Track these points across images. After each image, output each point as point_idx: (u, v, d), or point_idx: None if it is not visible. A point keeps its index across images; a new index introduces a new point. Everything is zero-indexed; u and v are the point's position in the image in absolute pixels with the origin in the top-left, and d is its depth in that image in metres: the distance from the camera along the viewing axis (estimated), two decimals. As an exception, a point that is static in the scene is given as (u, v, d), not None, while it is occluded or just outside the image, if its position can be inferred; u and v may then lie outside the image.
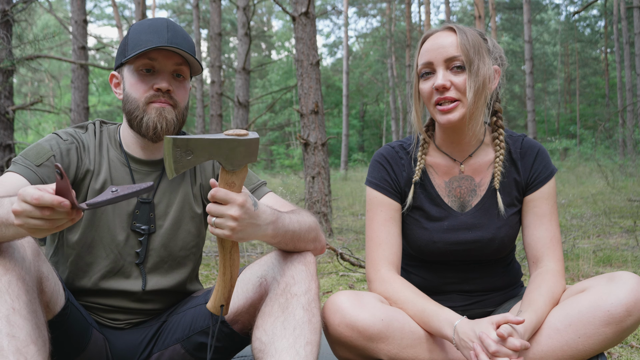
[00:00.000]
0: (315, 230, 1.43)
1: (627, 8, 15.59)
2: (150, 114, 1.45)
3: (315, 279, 1.36)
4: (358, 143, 32.02)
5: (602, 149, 16.20)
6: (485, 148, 1.57)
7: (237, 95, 10.39)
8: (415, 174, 1.57)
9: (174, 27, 1.48)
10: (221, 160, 1.16)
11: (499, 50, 1.52)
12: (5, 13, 5.92)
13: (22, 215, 1.00)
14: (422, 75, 1.49)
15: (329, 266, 4.04)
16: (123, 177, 1.52)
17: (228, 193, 1.17)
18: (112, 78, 1.56)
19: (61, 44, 9.37)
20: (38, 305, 1.20)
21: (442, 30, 1.48)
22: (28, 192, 0.99)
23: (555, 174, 1.57)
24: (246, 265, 1.50)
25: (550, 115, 31.34)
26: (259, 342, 1.29)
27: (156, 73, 1.47)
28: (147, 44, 1.43)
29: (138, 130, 1.48)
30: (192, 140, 1.15)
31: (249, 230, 1.21)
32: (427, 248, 1.55)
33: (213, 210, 1.17)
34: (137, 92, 1.46)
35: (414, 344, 1.39)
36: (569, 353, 1.34)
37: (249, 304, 1.42)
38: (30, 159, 1.41)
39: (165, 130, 1.47)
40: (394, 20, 27.15)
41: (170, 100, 1.47)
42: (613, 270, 3.59)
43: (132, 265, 1.52)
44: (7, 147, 6.13)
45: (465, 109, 1.44)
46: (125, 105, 1.50)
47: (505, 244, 1.55)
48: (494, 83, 1.49)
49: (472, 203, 1.55)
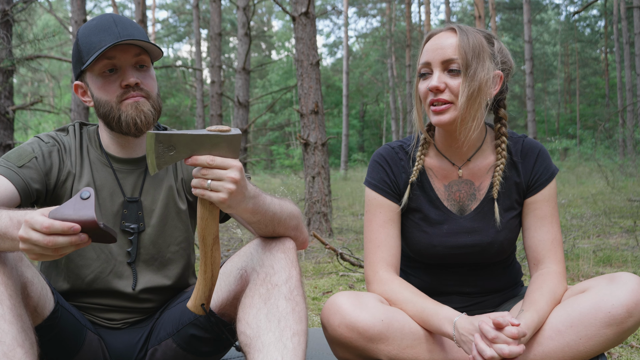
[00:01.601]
0: (297, 218, 1.42)
1: (627, 8, 15.59)
2: (127, 110, 1.44)
3: (295, 265, 1.35)
4: (358, 143, 32.02)
5: (602, 149, 16.19)
6: (485, 152, 1.55)
7: (237, 95, 10.39)
8: (412, 174, 1.55)
9: (121, 20, 1.46)
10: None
11: (504, 55, 1.48)
12: (6, 13, 5.92)
13: (29, 242, 1.02)
14: (421, 75, 1.48)
15: (329, 266, 4.04)
16: (106, 178, 1.52)
17: (226, 159, 1.17)
18: (77, 88, 1.52)
19: (61, 44, 9.37)
20: (23, 310, 1.20)
21: (444, 31, 1.46)
22: (37, 220, 1.00)
23: (556, 174, 1.56)
24: (227, 259, 1.50)
25: (550, 115, 31.33)
26: (244, 336, 1.29)
27: (119, 70, 1.45)
28: (100, 44, 1.41)
29: (119, 129, 1.47)
30: (175, 135, 1.15)
31: (238, 199, 1.21)
32: (427, 252, 1.54)
33: (211, 174, 1.16)
34: (107, 94, 1.45)
35: (414, 344, 1.39)
36: (569, 354, 1.33)
37: (233, 296, 1.42)
38: (12, 161, 1.41)
39: (145, 122, 1.46)
40: (394, 20, 27.15)
41: (142, 92, 1.46)
42: (613, 270, 3.59)
43: (123, 265, 1.52)
44: (7, 147, 6.13)
45: (457, 112, 1.42)
46: (98, 110, 1.48)
47: (505, 248, 1.54)
48: (494, 88, 1.46)
49: (472, 207, 1.55)
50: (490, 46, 1.45)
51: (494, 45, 1.47)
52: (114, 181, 1.52)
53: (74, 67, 1.50)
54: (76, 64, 1.48)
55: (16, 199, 1.37)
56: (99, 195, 1.50)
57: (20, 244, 1.03)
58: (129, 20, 1.48)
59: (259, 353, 1.23)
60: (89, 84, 1.48)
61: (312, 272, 3.88)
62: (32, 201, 1.44)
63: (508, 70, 1.50)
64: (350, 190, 11.39)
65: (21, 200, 1.39)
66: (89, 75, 1.47)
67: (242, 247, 1.50)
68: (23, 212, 1.14)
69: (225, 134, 1.17)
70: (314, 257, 4.50)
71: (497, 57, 1.46)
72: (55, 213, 1.01)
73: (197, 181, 1.18)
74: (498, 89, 1.47)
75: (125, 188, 1.53)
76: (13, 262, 1.24)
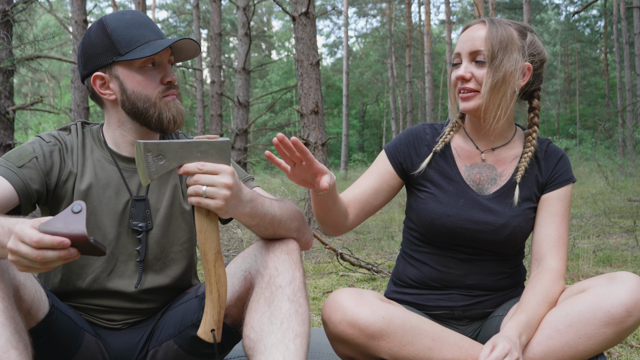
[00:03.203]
0: (298, 220, 1.42)
1: (627, 8, 15.59)
2: (168, 108, 1.47)
3: (299, 266, 1.35)
4: (358, 143, 32.02)
5: (602, 149, 16.20)
6: (511, 146, 1.61)
7: (237, 95, 10.39)
8: (438, 143, 1.62)
9: (150, 19, 1.50)
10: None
11: (536, 47, 1.54)
12: (6, 13, 5.92)
13: (17, 254, 1.02)
14: (454, 64, 1.56)
15: (329, 266, 4.04)
16: (111, 176, 1.51)
17: (216, 164, 1.17)
18: (96, 79, 1.46)
19: (61, 44, 9.35)
20: (16, 312, 1.20)
21: (477, 24, 1.54)
22: (27, 234, 1.00)
23: (573, 182, 1.60)
24: (230, 260, 1.50)
25: (550, 115, 31.33)
26: (248, 340, 1.29)
27: (158, 66, 1.47)
28: (145, 38, 1.43)
29: (158, 126, 1.48)
30: (163, 144, 1.15)
31: (234, 203, 1.21)
32: (439, 221, 1.55)
33: (203, 179, 1.16)
34: (149, 89, 1.45)
35: (414, 340, 1.39)
36: (569, 353, 1.34)
37: (236, 298, 1.42)
38: (12, 161, 1.40)
39: (182, 121, 1.50)
40: (394, 20, 27.16)
41: (176, 90, 1.50)
42: (613, 270, 3.59)
43: (125, 264, 1.52)
44: (8, 147, 6.13)
45: (481, 100, 1.50)
46: (134, 104, 1.46)
47: (517, 236, 1.54)
48: (522, 79, 1.52)
49: (490, 190, 1.58)
50: (521, 38, 1.51)
51: (526, 37, 1.52)
52: (120, 179, 1.51)
53: (96, 58, 1.45)
54: (103, 54, 1.44)
55: (14, 199, 1.36)
56: (103, 193, 1.50)
57: (9, 255, 1.03)
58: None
59: (261, 355, 1.23)
60: (120, 76, 1.45)
61: (312, 272, 3.89)
62: (33, 202, 1.43)
63: (540, 62, 1.55)
64: (350, 190, 11.36)
65: (20, 201, 1.38)
66: (122, 67, 1.44)
67: (241, 246, 1.50)
68: (14, 221, 1.13)
69: (214, 141, 1.17)
70: (314, 257, 4.50)
71: (526, 50, 1.51)
72: (45, 226, 1.00)
73: (192, 189, 1.18)
74: (526, 80, 1.53)
75: (132, 187, 1.52)
76: (5, 265, 1.23)
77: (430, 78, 21.72)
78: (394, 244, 5.08)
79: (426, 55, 21.61)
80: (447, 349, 1.41)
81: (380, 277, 3.61)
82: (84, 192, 1.48)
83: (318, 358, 1.88)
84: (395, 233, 5.77)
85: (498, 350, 1.28)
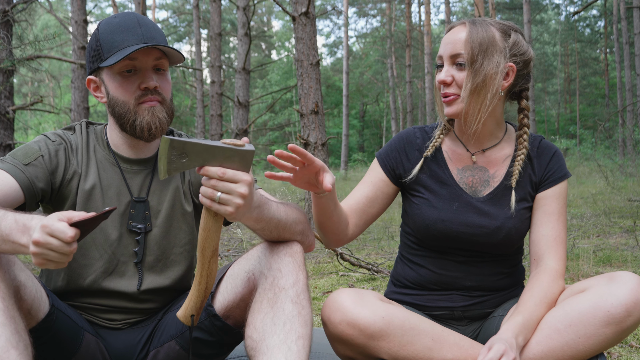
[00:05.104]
0: (302, 224, 1.43)
1: (627, 8, 15.59)
2: (143, 115, 1.44)
3: (303, 269, 1.36)
4: (358, 143, 32.01)
5: (602, 149, 16.19)
6: (502, 146, 1.59)
7: (237, 95, 10.39)
8: (428, 148, 1.60)
9: (144, 21, 1.46)
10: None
11: (520, 47, 1.50)
12: (6, 13, 5.92)
13: (44, 247, 1.02)
14: (437, 66, 1.54)
15: (329, 266, 4.04)
16: (113, 177, 1.51)
17: (237, 173, 1.17)
18: (90, 83, 1.51)
19: (61, 44, 9.36)
20: (16, 312, 1.20)
21: (458, 25, 1.51)
22: (59, 228, 1.01)
23: (568, 178, 1.58)
24: (233, 261, 1.50)
25: (550, 115, 31.32)
26: (251, 340, 1.29)
27: (138, 72, 1.44)
28: (123, 43, 1.41)
29: (132, 132, 1.46)
30: (189, 143, 1.15)
31: (244, 210, 1.21)
32: (434, 226, 1.54)
33: (221, 186, 1.16)
34: (125, 94, 1.44)
35: (414, 340, 1.39)
36: (569, 353, 1.34)
37: (239, 299, 1.42)
38: (18, 158, 1.40)
39: (159, 129, 1.46)
40: (394, 20, 27.16)
41: (159, 97, 1.46)
42: (613, 270, 3.59)
43: (126, 265, 1.52)
44: (8, 147, 6.13)
45: (462, 104, 1.48)
46: (113, 109, 1.47)
47: (512, 237, 1.54)
48: (505, 81, 1.49)
49: (484, 193, 1.57)
50: (504, 39, 1.48)
51: (509, 38, 1.49)
52: (121, 181, 1.51)
53: (90, 62, 1.49)
54: (93, 59, 1.47)
55: (20, 197, 1.37)
56: (105, 194, 1.50)
57: (32, 247, 1.03)
58: (151, 22, 1.48)
59: (264, 356, 1.24)
60: (105, 80, 1.47)
61: (312, 272, 3.89)
62: (37, 200, 1.43)
63: (524, 62, 1.51)
64: (350, 190, 11.38)
65: (25, 199, 1.38)
66: (106, 72, 1.46)
67: (241, 246, 1.51)
68: (30, 217, 1.13)
69: (239, 148, 1.17)
70: (314, 257, 4.50)
71: (508, 50, 1.48)
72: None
73: (205, 191, 1.18)
74: (510, 81, 1.50)
75: (133, 188, 1.52)
76: (5, 265, 1.24)
77: (430, 78, 21.70)
78: (394, 244, 5.08)
79: (426, 55, 21.60)
80: (447, 348, 1.41)
81: (380, 277, 3.61)
82: (87, 192, 1.48)
83: (318, 358, 1.88)
84: (395, 233, 5.77)
85: (493, 352, 1.28)
